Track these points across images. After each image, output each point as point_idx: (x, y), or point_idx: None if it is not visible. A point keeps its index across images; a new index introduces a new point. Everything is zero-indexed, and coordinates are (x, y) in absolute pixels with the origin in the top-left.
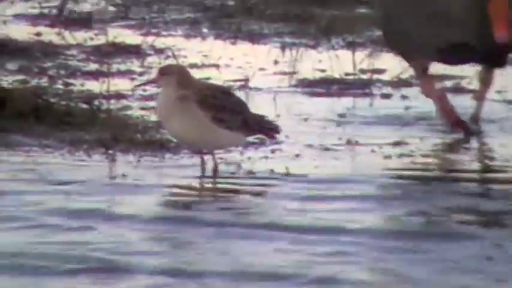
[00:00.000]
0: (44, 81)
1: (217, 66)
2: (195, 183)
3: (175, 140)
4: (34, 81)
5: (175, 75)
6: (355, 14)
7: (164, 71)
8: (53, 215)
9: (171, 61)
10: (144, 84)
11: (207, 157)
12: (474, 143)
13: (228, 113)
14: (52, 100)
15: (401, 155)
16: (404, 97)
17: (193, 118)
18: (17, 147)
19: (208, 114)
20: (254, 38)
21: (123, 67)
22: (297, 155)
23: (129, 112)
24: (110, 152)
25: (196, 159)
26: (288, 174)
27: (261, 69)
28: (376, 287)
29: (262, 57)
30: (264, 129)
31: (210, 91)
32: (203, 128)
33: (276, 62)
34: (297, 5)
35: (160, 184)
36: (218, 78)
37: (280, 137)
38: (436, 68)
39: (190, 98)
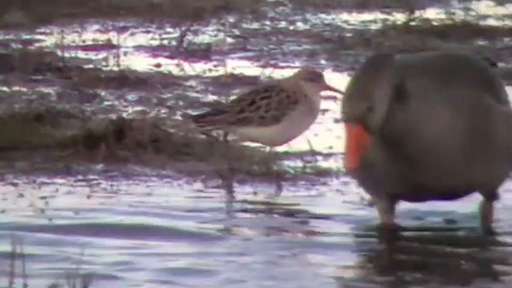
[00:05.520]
0: (163, 112)
1: (335, 98)
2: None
3: (292, 172)
4: (153, 112)
5: None
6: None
7: None
8: None
9: None
10: None
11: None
12: None
13: None
14: (171, 131)
15: None
16: None
17: None
18: (136, 177)
19: None
20: None
21: None
22: None
23: (246, 143)
24: (227, 182)
25: (313, 191)
26: None
27: None
28: None
29: None
30: None
31: None
32: None
33: None
34: (416, 36)
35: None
36: (336, 110)
37: None
38: None
39: None
